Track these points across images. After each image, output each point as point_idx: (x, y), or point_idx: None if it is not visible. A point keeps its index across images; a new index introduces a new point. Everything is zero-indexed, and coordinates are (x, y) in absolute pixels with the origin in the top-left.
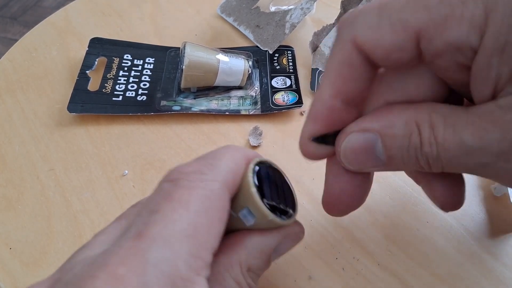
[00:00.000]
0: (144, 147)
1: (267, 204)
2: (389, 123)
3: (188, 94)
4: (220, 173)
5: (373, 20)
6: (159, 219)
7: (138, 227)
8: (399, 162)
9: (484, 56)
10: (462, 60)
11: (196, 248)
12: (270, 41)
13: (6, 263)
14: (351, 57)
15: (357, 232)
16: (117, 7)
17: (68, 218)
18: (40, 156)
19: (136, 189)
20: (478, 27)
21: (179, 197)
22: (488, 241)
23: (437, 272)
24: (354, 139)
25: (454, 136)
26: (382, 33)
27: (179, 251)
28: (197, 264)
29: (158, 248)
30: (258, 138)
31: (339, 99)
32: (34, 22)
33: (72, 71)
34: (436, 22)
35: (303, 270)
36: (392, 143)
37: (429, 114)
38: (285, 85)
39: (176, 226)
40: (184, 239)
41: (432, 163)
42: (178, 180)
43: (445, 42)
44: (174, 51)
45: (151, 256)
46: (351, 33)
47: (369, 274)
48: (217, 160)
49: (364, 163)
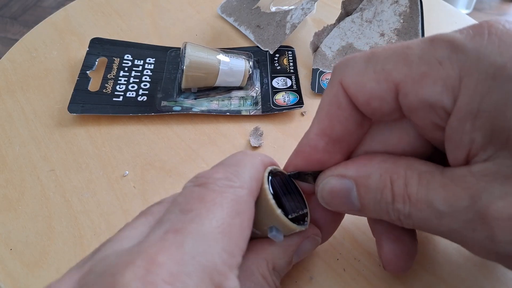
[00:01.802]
0: (145, 148)
1: (291, 219)
2: (365, 173)
3: (189, 94)
4: (245, 181)
5: (360, 66)
6: (194, 217)
7: (173, 223)
8: (372, 211)
9: (456, 120)
10: (436, 120)
11: (230, 246)
12: (271, 42)
13: (6, 263)
14: (338, 99)
15: (358, 233)
16: (117, 7)
17: (68, 218)
18: (41, 157)
19: (136, 190)
20: (451, 89)
21: (212, 199)
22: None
23: (438, 272)
24: (332, 183)
25: (426, 197)
26: (365, 80)
27: (215, 246)
28: (230, 261)
29: (195, 242)
30: (259, 138)
31: (324, 139)
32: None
33: (73, 71)
34: (413, 78)
35: (304, 271)
36: (366, 194)
37: (405, 170)
38: (286, 86)
39: (211, 224)
40: (218, 236)
41: (403, 220)
42: (208, 184)
43: (419, 99)
44: (175, 51)
45: (189, 248)
46: (340, 75)
47: (370, 274)
48: (241, 168)
49: (340, 206)
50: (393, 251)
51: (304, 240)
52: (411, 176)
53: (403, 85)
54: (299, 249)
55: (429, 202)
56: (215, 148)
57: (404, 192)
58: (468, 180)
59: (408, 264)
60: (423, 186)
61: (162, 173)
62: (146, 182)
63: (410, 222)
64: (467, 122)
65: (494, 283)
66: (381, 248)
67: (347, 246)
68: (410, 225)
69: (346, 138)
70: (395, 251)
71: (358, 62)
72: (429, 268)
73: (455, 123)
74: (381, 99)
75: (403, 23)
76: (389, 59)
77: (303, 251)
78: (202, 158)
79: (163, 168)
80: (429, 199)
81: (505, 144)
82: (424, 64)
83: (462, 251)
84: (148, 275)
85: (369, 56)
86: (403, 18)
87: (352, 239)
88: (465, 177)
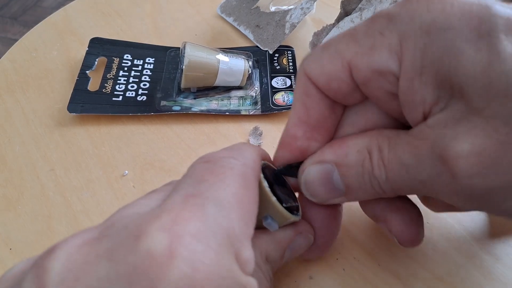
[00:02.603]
0: (144, 147)
1: (285, 208)
2: (343, 152)
3: (188, 94)
4: (248, 161)
5: (318, 53)
6: (208, 186)
7: (188, 190)
8: (357, 190)
9: (405, 81)
10: (388, 87)
11: (245, 216)
12: (270, 41)
13: (6, 263)
14: (306, 88)
15: (358, 232)
16: (117, 7)
17: (68, 218)
18: (40, 156)
19: (136, 189)
20: (395, 53)
21: (223, 172)
22: (489, 241)
23: (438, 272)
24: (312, 172)
25: (395, 156)
26: (322, 64)
27: (233, 213)
28: (246, 230)
29: (215, 206)
30: (258, 138)
31: (302, 128)
32: (34, 22)
33: (72, 71)
34: (362, 52)
35: (303, 271)
36: (348, 172)
37: (377, 139)
38: (285, 85)
39: (226, 192)
40: (235, 205)
41: (384, 187)
42: (215, 161)
43: (369, 69)
44: (174, 51)
45: (209, 210)
46: (304, 66)
47: (369, 274)
48: (243, 151)
49: (324, 194)
50: (402, 220)
51: (297, 235)
52: (382, 141)
53: (354, 61)
54: (292, 244)
55: (399, 160)
56: (215, 148)
57: (379, 157)
58: (426, 131)
59: (421, 231)
60: (392, 147)
61: (161, 172)
62: (145, 182)
63: (389, 186)
64: (415, 80)
65: (494, 283)
66: (389, 223)
67: (347, 246)
68: (390, 191)
69: (322, 123)
70: (404, 220)
71: (317, 51)
72: (429, 268)
73: (404, 85)
74: (338, 79)
75: None
76: (340, 41)
77: (296, 247)
78: None
79: (163, 167)
80: (398, 157)
81: (451, 92)
82: (369, 38)
83: (462, 250)
84: (174, 227)
85: (324, 44)
86: None
87: (352, 239)
88: (423, 130)
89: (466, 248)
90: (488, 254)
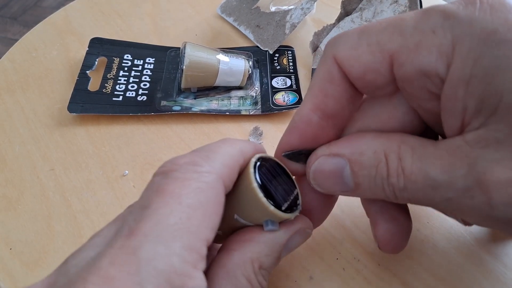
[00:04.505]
0: (144, 147)
1: (284, 210)
2: (358, 150)
3: (189, 94)
4: (215, 166)
5: (353, 40)
6: (150, 214)
7: (130, 224)
8: (366, 190)
9: (450, 86)
10: (431, 88)
11: (190, 241)
12: (271, 41)
13: (6, 263)
14: (331, 74)
15: (358, 232)
16: (117, 7)
17: (68, 218)
18: (40, 156)
19: (136, 189)
20: (445, 56)
21: (172, 190)
22: (489, 241)
23: (438, 272)
24: (323, 163)
25: (421, 169)
26: (360, 53)
27: (172, 245)
28: (192, 257)
29: (150, 245)
30: (259, 138)
31: (317, 114)
32: (34, 22)
33: (72, 71)
34: (408, 47)
35: (303, 271)
36: (360, 171)
37: (398, 145)
38: (286, 85)
39: (168, 221)
40: (176, 233)
41: (398, 194)
42: (171, 172)
43: (415, 68)
44: (174, 51)
45: (143, 254)
46: (333, 51)
47: (369, 274)
48: (213, 153)
49: (332, 187)
50: (389, 230)
51: (294, 234)
52: (405, 150)
53: (397, 56)
54: (288, 243)
55: (424, 173)
56: None
57: (398, 165)
58: (464, 149)
59: (404, 243)
60: (417, 159)
61: None
62: (145, 182)
63: (405, 196)
64: (460, 88)
65: (494, 283)
66: (376, 228)
67: (347, 245)
68: (405, 199)
69: (339, 113)
70: (391, 230)
71: (351, 37)
72: (429, 268)
73: (449, 90)
74: (376, 71)
75: None
76: (383, 31)
77: (292, 245)
78: None
79: None
80: (424, 170)
81: (495, 109)
82: (418, 34)
83: (462, 250)
84: None
85: (362, 30)
86: None
87: (352, 239)
88: (461, 146)
89: (466, 248)
90: (488, 254)
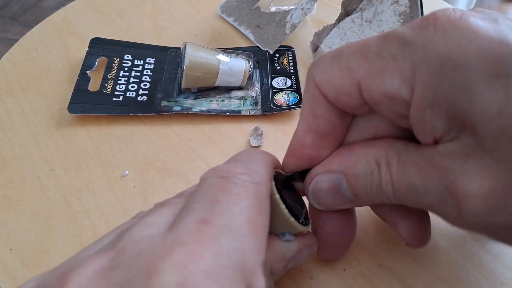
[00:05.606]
0: (145, 148)
1: (300, 222)
2: (351, 163)
3: (189, 94)
4: (263, 179)
5: (327, 63)
6: (222, 209)
7: (201, 213)
8: (365, 199)
9: (416, 110)
10: (399, 110)
11: (258, 242)
12: (271, 42)
13: (6, 263)
14: (315, 95)
15: (358, 232)
16: (117, 7)
17: (68, 218)
18: (40, 157)
19: (136, 190)
20: (407, 81)
21: (237, 193)
22: (489, 241)
23: (438, 272)
24: (321, 181)
25: (403, 175)
26: (331, 76)
27: (247, 242)
28: (259, 258)
29: (228, 237)
30: (259, 138)
31: (311, 135)
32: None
33: (73, 71)
34: (373, 73)
35: (304, 271)
36: (356, 182)
37: (386, 151)
38: (286, 86)
39: (239, 219)
40: (249, 232)
41: (392, 200)
42: (231, 178)
43: (380, 93)
44: (175, 51)
45: (223, 243)
46: (313, 73)
47: (370, 274)
48: (258, 165)
49: (332, 202)
50: (410, 225)
51: (304, 248)
52: (392, 155)
53: (364, 81)
54: (296, 256)
55: (407, 179)
56: (215, 148)
57: (387, 172)
58: (436, 158)
59: (428, 233)
60: (401, 164)
61: (162, 173)
62: (146, 182)
63: (398, 201)
64: (426, 111)
65: (494, 283)
66: (397, 227)
67: None
68: (398, 203)
69: (331, 131)
70: (412, 224)
71: (326, 60)
72: (429, 268)
73: (415, 112)
74: (347, 94)
75: (403, 23)
76: (351, 56)
77: (299, 258)
78: (202, 158)
79: (163, 168)
80: (406, 177)
81: (463, 126)
82: (381, 60)
83: (462, 251)
84: (187, 264)
85: (335, 54)
86: (403, 18)
87: None
88: (433, 156)
89: (466, 248)
90: (488, 254)
